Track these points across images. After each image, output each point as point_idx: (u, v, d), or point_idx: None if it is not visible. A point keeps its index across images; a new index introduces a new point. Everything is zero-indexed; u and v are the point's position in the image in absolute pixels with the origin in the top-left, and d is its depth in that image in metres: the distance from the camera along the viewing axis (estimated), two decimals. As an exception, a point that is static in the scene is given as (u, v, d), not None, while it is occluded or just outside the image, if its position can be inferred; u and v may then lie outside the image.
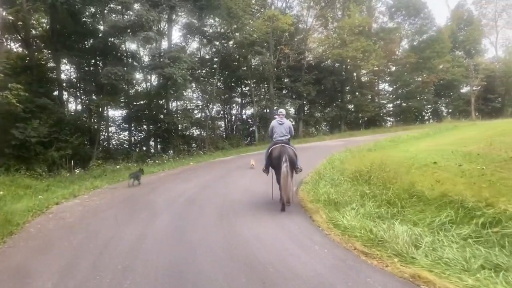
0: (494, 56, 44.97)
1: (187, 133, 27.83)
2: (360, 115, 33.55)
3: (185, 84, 20.80)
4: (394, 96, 38.04)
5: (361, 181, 8.36)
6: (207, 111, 28.74)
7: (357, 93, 34.39)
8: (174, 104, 27.60)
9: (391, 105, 39.28)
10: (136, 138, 27.13)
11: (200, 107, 29.52)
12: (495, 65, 41.24)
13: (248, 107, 33.62)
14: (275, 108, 27.68)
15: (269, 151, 8.00)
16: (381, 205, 6.41)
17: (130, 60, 22.19)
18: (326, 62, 30.18)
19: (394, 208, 6.07)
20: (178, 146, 23.12)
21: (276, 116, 8.45)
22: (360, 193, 7.42)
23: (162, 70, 18.45)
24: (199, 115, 29.27)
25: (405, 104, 36.01)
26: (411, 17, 35.06)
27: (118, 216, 7.37)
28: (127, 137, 26.49)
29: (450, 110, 40.86)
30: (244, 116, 33.16)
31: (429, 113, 42.97)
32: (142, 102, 25.02)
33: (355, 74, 33.08)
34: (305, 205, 7.60)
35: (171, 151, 21.58)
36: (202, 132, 28.12)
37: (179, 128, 25.02)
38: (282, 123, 8.12)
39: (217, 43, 27.66)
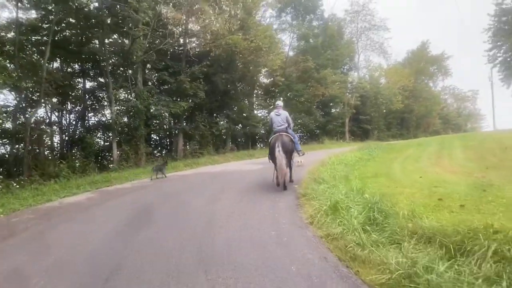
0: (361, 77, 46.34)
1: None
2: (247, 129, 27.34)
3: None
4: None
5: None
6: (26, 114, 17.86)
7: (246, 101, 28.22)
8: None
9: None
10: None
11: (10, 107, 18.31)
12: (366, 84, 42.04)
13: (91, 113, 23.57)
14: (152, 108, 19.20)
15: (269, 141, 9.15)
16: None
17: None
18: (215, 52, 22.66)
19: None
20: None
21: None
22: None
23: None
24: (10, 121, 18.13)
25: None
26: (300, 15, 31.16)
27: None
28: None
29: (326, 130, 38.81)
30: (88, 124, 22.93)
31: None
32: None
33: (249, 75, 26.49)
34: None
35: None
36: (17, 148, 17.24)
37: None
38: (279, 114, 9.16)
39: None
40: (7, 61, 17.00)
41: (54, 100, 20.81)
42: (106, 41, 19.78)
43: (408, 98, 49.09)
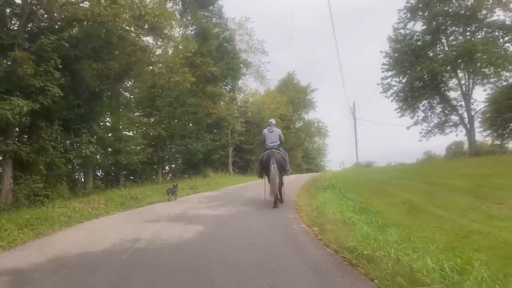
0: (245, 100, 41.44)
1: None
2: (121, 158, 18.16)
3: None
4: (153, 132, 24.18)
5: None
6: None
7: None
8: None
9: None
10: None
11: None
12: (252, 108, 37.50)
13: None
14: None
15: (261, 157, 9.87)
16: None
17: None
18: (85, 23, 12.94)
19: None
20: None
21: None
22: None
23: None
24: None
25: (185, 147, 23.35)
26: (190, 9, 23.84)
27: None
28: None
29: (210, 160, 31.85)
30: None
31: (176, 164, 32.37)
32: None
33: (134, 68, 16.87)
34: None
35: None
36: None
37: None
38: (272, 131, 9.86)
39: None
40: None
41: None
42: None
43: (285, 128, 46.58)
